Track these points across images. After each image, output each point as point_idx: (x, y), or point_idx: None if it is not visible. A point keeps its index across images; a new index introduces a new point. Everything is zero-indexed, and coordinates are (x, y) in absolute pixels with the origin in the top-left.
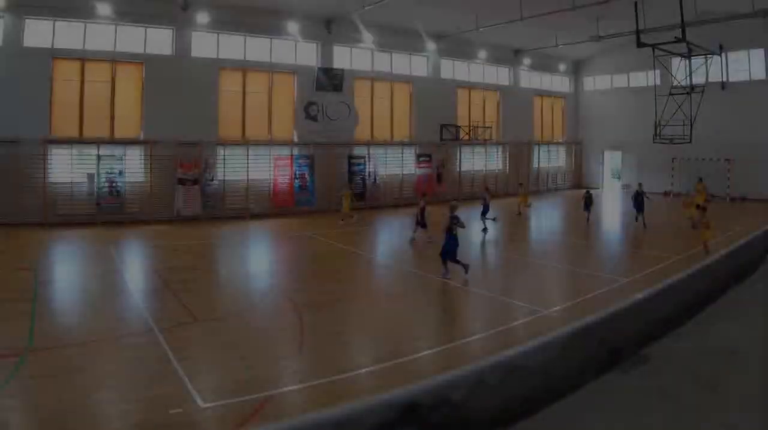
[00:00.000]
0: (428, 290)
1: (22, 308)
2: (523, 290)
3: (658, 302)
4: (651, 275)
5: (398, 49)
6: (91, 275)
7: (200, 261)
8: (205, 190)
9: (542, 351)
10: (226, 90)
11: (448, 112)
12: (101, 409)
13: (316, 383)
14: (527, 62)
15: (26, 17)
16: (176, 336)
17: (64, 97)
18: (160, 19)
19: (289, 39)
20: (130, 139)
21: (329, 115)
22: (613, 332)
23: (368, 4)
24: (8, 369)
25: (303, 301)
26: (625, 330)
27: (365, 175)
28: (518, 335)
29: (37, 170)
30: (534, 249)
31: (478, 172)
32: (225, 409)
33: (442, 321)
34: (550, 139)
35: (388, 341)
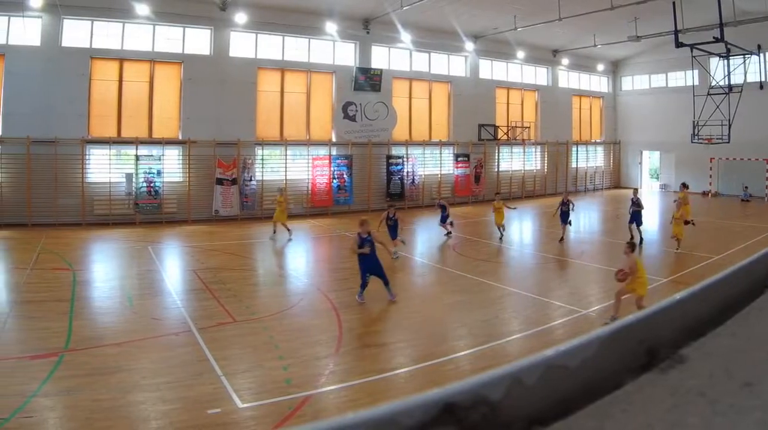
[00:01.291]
0: (466, 290)
1: (61, 308)
2: (562, 290)
3: (696, 301)
4: (689, 275)
5: (437, 49)
6: (129, 275)
7: (238, 261)
8: (243, 190)
9: (580, 351)
10: (264, 90)
11: (486, 112)
12: (139, 409)
13: (354, 384)
14: (566, 62)
15: (64, 17)
16: (214, 336)
17: (102, 97)
18: (199, 19)
19: (327, 39)
20: (169, 139)
21: (367, 115)
22: (651, 331)
23: (406, 4)
24: (46, 369)
25: (341, 301)
26: (663, 330)
27: (403, 176)
28: (556, 335)
29: (75, 170)
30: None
31: (517, 172)
32: (263, 409)
33: (480, 321)
34: (588, 140)
35: (425, 341)
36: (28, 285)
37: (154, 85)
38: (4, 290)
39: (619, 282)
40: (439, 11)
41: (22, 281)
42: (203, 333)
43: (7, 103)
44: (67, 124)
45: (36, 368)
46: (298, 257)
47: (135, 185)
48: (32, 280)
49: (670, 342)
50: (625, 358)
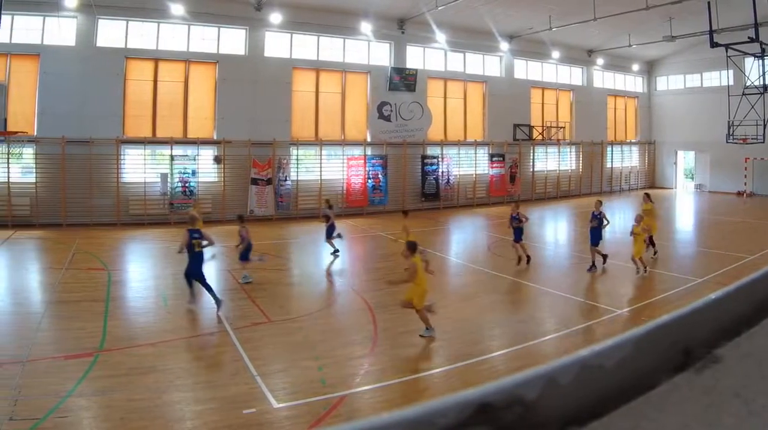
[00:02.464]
0: (501, 290)
1: (96, 309)
2: (596, 290)
3: (731, 301)
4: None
5: (471, 49)
6: (163, 276)
7: (273, 261)
8: (278, 190)
9: (615, 351)
10: (299, 90)
11: (521, 112)
12: (173, 409)
13: (389, 384)
14: (601, 62)
15: (99, 17)
16: (249, 336)
17: (137, 98)
18: (234, 19)
19: (362, 39)
20: (204, 139)
21: (402, 115)
22: (686, 331)
23: (441, 3)
24: (81, 369)
25: (376, 301)
26: (699, 330)
27: (438, 176)
28: (591, 335)
29: (110, 170)
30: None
31: (552, 172)
32: (298, 409)
33: (515, 321)
34: (624, 140)
35: (460, 341)
36: (63, 285)
37: (189, 85)
38: (39, 290)
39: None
40: (474, 11)
41: (57, 281)
42: (238, 333)
43: (42, 103)
44: (102, 125)
45: (71, 368)
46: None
47: (170, 185)
48: (67, 280)
49: (705, 342)
50: (660, 358)
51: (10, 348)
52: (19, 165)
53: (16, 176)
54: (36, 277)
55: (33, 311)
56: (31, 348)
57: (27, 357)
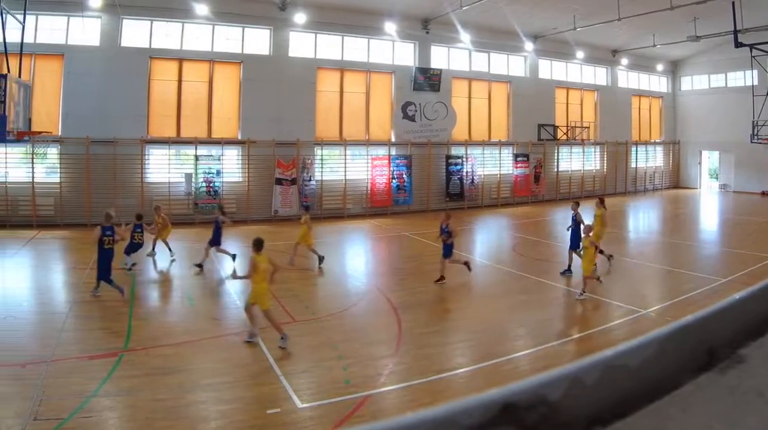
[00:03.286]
0: (526, 290)
1: (120, 308)
2: (621, 290)
3: (755, 301)
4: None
5: (496, 49)
6: (188, 275)
7: (298, 261)
8: (302, 190)
9: (640, 351)
10: (323, 90)
11: (546, 112)
12: (198, 409)
13: (413, 384)
14: (625, 62)
15: (123, 17)
16: (274, 336)
17: (161, 98)
18: (258, 19)
19: (386, 39)
20: (228, 139)
21: (427, 115)
22: (710, 331)
23: (466, 4)
24: (106, 369)
25: (400, 301)
26: (723, 330)
27: (463, 176)
28: (616, 335)
29: (134, 170)
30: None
31: (576, 172)
32: (322, 409)
33: (540, 321)
34: (648, 139)
35: (484, 341)
36: (87, 285)
37: (214, 85)
38: (64, 289)
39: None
40: (498, 11)
41: (82, 281)
42: (263, 333)
43: (66, 103)
44: (126, 125)
45: (95, 368)
46: (358, 257)
47: (194, 185)
48: (91, 280)
49: (730, 342)
50: (684, 358)
51: (35, 348)
52: (43, 165)
53: (41, 176)
54: (60, 277)
55: (57, 310)
56: (56, 348)
57: (51, 357)
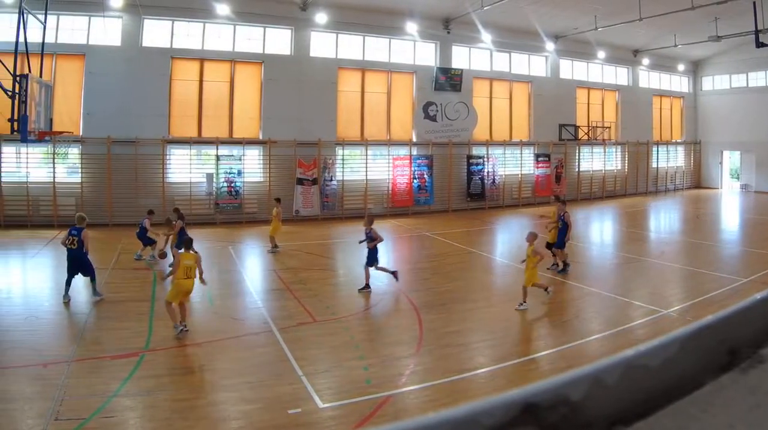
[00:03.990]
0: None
1: (141, 308)
2: (642, 290)
3: None
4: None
5: (517, 49)
6: (209, 276)
7: (319, 261)
8: (324, 191)
9: (661, 351)
10: (344, 90)
11: (567, 112)
12: (219, 409)
13: (435, 384)
14: (646, 62)
15: (145, 17)
16: (295, 336)
17: (182, 98)
18: (279, 19)
19: (407, 39)
20: (249, 139)
21: (448, 115)
22: (731, 331)
23: (487, 3)
24: (127, 369)
25: (421, 300)
26: (744, 330)
27: (484, 176)
28: (637, 335)
29: (155, 170)
30: None
31: (597, 172)
32: (343, 409)
33: (561, 321)
34: (669, 140)
35: (505, 341)
36: (109, 285)
37: (235, 85)
38: (85, 289)
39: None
40: (519, 11)
41: (103, 281)
42: (283, 333)
43: (87, 103)
44: (148, 124)
45: (116, 368)
46: (379, 257)
47: (216, 185)
48: (113, 280)
49: (751, 342)
50: (706, 358)
51: (56, 348)
52: (64, 165)
53: (62, 176)
54: (82, 277)
55: (79, 311)
56: (77, 348)
57: (73, 357)
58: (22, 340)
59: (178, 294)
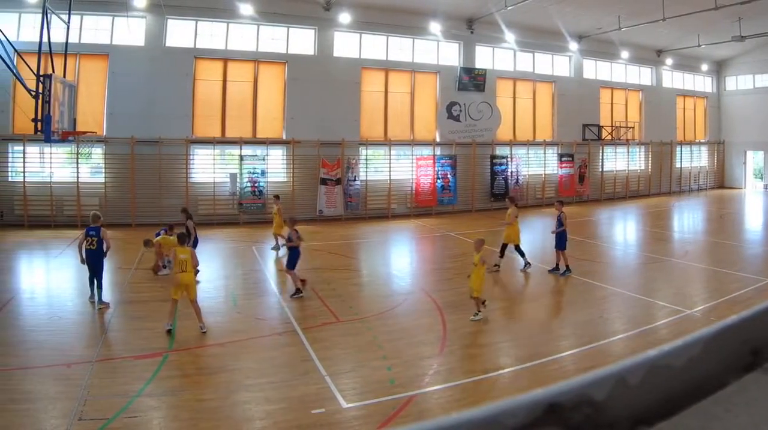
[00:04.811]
0: (570, 290)
1: (165, 309)
2: (665, 290)
3: None
4: None
5: (540, 49)
6: (233, 276)
7: (342, 261)
8: (347, 190)
9: (685, 351)
10: (368, 90)
11: (590, 112)
12: (243, 409)
13: (458, 384)
14: (669, 62)
15: (168, 17)
16: (318, 336)
17: (206, 98)
18: (303, 19)
19: (431, 39)
20: (273, 139)
21: (471, 115)
22: (755, 331)
23: (510, 3)
24: (150, 369)
25: (445, 301)
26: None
27: (507, 176)
28: (660, 335)
29: (179, 170)
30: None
31: (621, 172)
32: (367, 409)
33: (584, 321)
34: (692, 140)
35: (529, 341)
36: (132, 285)
37: (258, 85)
38: (108, 289)
39: None
40: (543, 11)
41: (126, 281)
42: (307, 333)
43: (111, 103)
44: (171, 125)
45: (140, 368)
46: (402, 257)
47: (239, 185)
48: (136, 280)
49: None
50: (729, 358)
51: (80, 348)
52: (88, 165)
53: (86, 176)
54: (105, 276)
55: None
56: (101, 348)
57: (96, 357)
58: (45, 340)
59: (177, 289)
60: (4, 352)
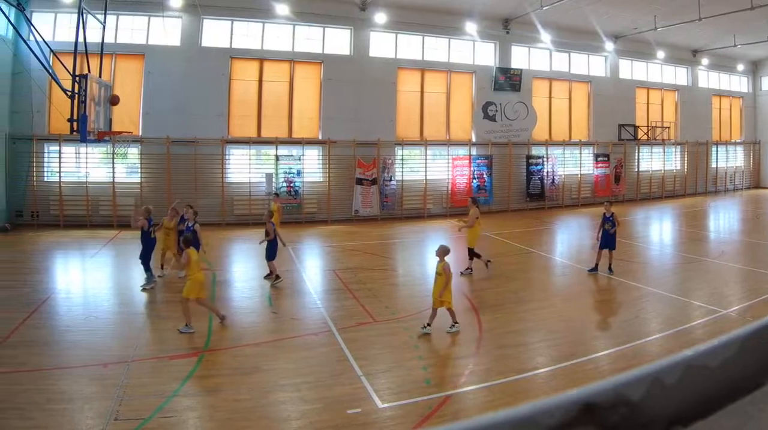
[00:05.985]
0: (606, 290)
1: (200, 309)
2: (702, 290)
3: None
4: None
5: (576, 49)
6: (265, 273)
7: (378, 261)
8: (383, 191)
9: (720, 351)
10: (404, 90)
11: (626, 112)
12: (278, 409)
13: (494, 384)
14: (705, 62)
15: (204, 17)
16: (354, 336)
17: (242, 98)
18: (339, 19)
19: (466, 39)
20: (309, 139)
21: (507, 115)
22: None
23: (546, 3)
24: (186, 369)
25: (480, 301)
26: None
27: (543, 176)
28: (697, 335)
29: (215, 170)
30: None
31: (657, 172)
32: (403, 409)
33: (620, 321)
34: (728, 139)
35: (565, 341)
36: (167, 285)
37: (294, 85)
38: (148, 294)
39: None
40: (579, 11)
41: (163, 281)
42: (343, 333)
43: (147, 103)
44: (207, 124)
45: (176, 368)
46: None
47: (275, 185)
48: (171, 280)
49: None
50: (765, 358)
51: (116, 348)
52: (124, 165)
53: (122, 176)
54: (141, 277)
55: (138, 311)
56: (136, 348)
57: (132, 357)
58: (81, 340)
59: (196, 288)
60: (41, 352)
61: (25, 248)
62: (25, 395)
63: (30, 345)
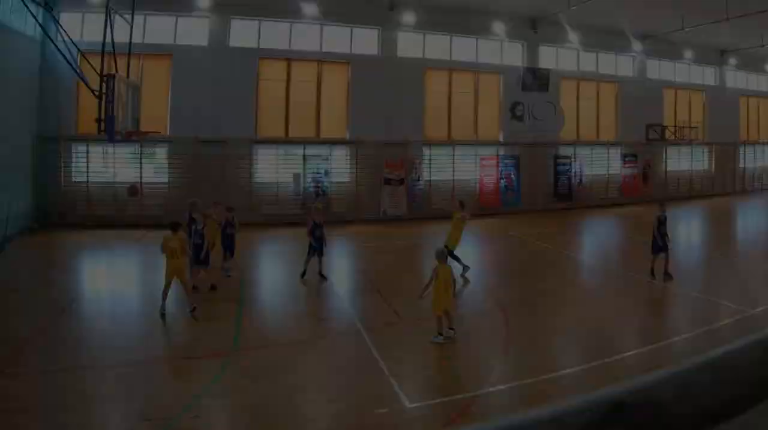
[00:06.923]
0: (635, 290)
1: (229, 309)
2: (730, 290)
3: None
4: None
5: (604, 49)
6: (296, 275)
7: (406, 261)
8: (411, 191)
9: (749, 351)
10: (431, 90)
11: (654, 112)
12: (307, 409)
13: (522, 384)
14: (733, 62)
15: (232, 17)
16: (382, 336)
17: (269, 98)
18: (366, 19)
19: (494, 39)
20: (336, 139)
21: (535, 115)
22: None
23: (574, 4)
24: (215, 369)
25: (509, 301)
26: None
27: (571, 176)
28: (725, 335)
29: (243, 170)
30: None
31: (684, 172)
32: (431, 409)
33: (649, 321)
34: (756, 139)
35: (593, 340)
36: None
37: (322, 86)
38: (172, 290)
39: None
40: (606, 12)
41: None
42: (370, 333)
43: (174, 103)
44: (235, 124)
45: (204, 368)
46: (466, 257)
47: (303, 185)
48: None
49: None
50: None
51: (144, 348)
52: (152, 165)
53: (149, 176)
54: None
55: (166, 311)
56: (165, 348)
57: (160, 357)
58: (110, 340)
59: (175, 272)
60: (70, 352)
61: (53, 248)
62: (52, 397)
63: (58, 345)
